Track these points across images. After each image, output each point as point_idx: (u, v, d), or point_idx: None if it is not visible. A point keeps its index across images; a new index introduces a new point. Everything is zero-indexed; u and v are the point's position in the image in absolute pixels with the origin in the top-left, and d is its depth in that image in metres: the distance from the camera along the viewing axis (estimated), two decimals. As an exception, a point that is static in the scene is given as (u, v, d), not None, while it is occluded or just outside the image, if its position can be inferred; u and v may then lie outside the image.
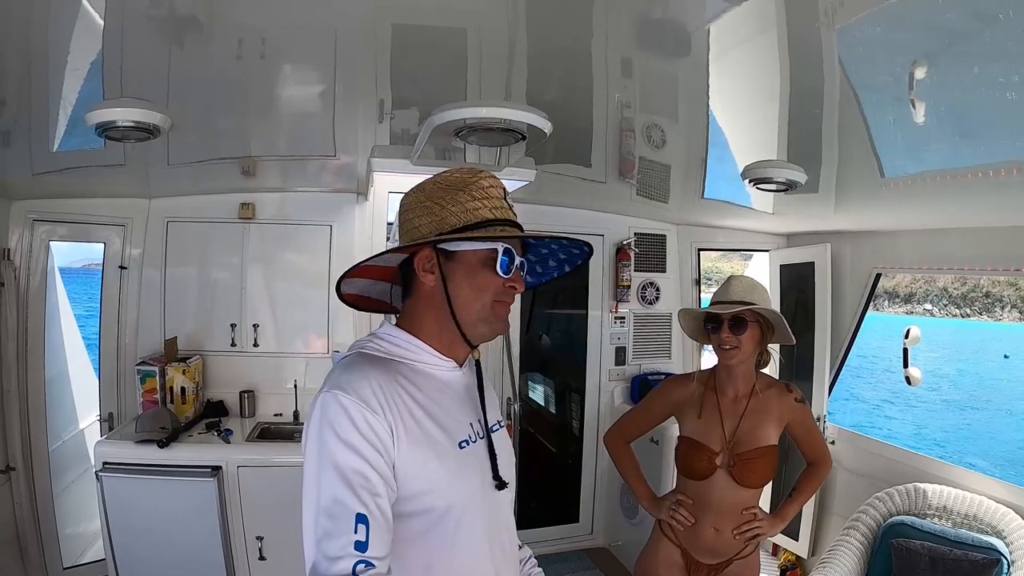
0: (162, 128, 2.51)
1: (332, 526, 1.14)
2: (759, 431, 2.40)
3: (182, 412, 3.93)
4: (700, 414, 2.45)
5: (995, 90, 2.05)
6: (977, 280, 41.53)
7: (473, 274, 1.33)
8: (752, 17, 2.06)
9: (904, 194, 3.26)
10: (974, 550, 3.20)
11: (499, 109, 2.36)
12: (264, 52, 2.44)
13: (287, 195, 4.32)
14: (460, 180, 1.34)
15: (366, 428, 1.20)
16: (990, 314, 43.12)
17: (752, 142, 3.19)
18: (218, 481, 3.54)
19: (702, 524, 2.43)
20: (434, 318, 1.36)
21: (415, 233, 1.33)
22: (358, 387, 1.22)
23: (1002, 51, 1.81)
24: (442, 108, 2.39)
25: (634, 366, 5.17)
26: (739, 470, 2.37)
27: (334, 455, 1.18)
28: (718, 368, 2.49)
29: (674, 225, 5.26)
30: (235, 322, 4.28)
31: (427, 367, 1.37)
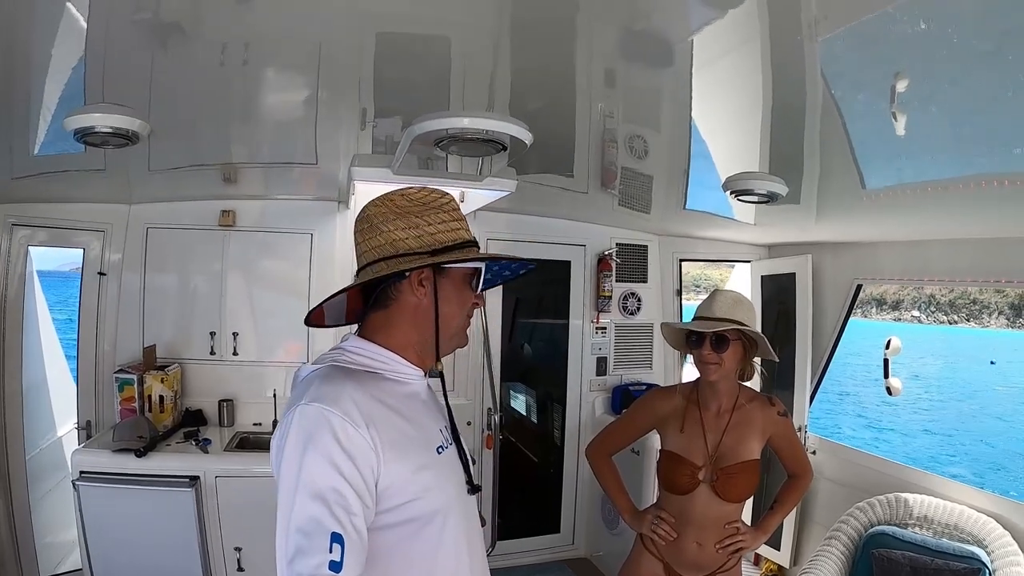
0: (141, 135, 2.49)
1: (306, 544, 1.14)
2: (742, 445, 2.41)
3: (160, 421, 3.89)
4: (683, 428, 2.45)
5: (975, 103, 2.07)
6: (965, 286, 42.06)
7: (459, 291, 1.41)
8: (735, 29, 2.07)
9: (885, 206, 3.28)
10: (955, 560, 3.21)
11: (480, 120, 2.35)
12: (247, 59, 2.43)
13: (268, 203, 4.30)
14: (433, 200, 1.40)
15: (348, 444, 1.19)
16: (977, 320, 43.56)
17: (734, 153, 3.20)
18: (196, 491, 3.50)
19: (684, 538, 2.43)
20: (412, 331, 1.39)
21: (400, 245, 1.35)
22: (340, 400, 1.23)
23: (982, 65, 1.82)
24: (423, 118, 2.38)
25: (615, 376, 5.18)
26: (722, 485, 2.37)
27: (312, 471, 1.17)
28: (701, 382, 2.49)
29: (656, 236, 5.28)
30: (214, 330, 4.25)
31: (398, 377, 1.39)
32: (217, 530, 3.59)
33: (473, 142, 2.45)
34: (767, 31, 2.07)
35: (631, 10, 2.03)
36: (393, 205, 1.38)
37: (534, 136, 2.48)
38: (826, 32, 1.94)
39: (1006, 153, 2.36)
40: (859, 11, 1.76)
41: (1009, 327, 41.68)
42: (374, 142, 3.24)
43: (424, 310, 1.38)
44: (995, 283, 3.79)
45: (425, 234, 1.35)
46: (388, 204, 1.38)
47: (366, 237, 1.39)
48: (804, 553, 4.53)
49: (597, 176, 3.76)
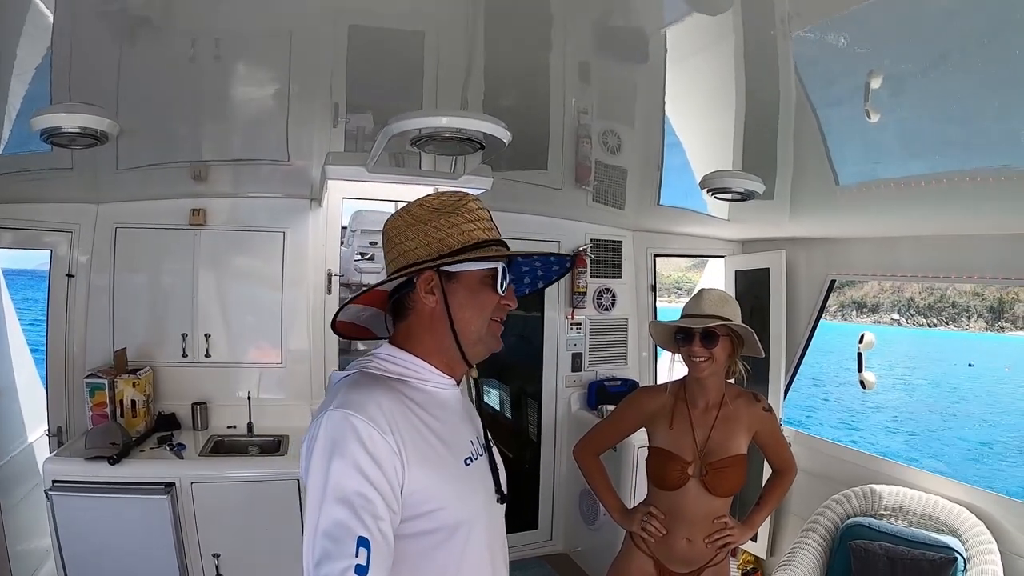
0: (110, 134, 2.42)
1: (332, 548, 1.13)
2: (730, 441, 2.46)
3: (133, 426, 3.82)
4: (671, 425, 2.49)
5: (948, 101, 2.10)
6: (944, 290, 42.74)
7: (474, 294, 1.37)
8: (709, 23, 2.08)
9: (859, 202, 3.32)
10: (931, 549, 3.27)
11: (457, 119, 2.33)
12: (218, 54, 2.39)
13: (239, 201, 4.23)
14: (449, 204, 1.38)
15: (374, 449, 1.20)
16: (956, 324, 44.24)
17: (708, 149, 3.21)
18: (172, 498, 3.43)
19: (675, 534, 2.47)
20: (434, 338, 1.38)
21: (410, 256, 1.35)
22: (366, 406, 1.23)
23: (955, 63, 1.85)
24: (399, 117, 2.35)
25: (590, 372, 5.19)
26: (711, 479, 2.42)
27: (340, 476, 1.17)
28: (688, 379, 2.53)
29: (630, 231, 5.30)
30: (186, 332, 4.17)
31: (428, 386, 1.38)
32: (195, 537, 3.52)
33: (451, 141, 2.43)
34: (740, 26, 2.08)
35: (605, 2, 2.03)
36: (409, 216, 1.38)
37: (510, 136, 2.47)
38: (799, 28, 1.96)
39: (977, 150, 2.40)
40: (832, 8, 1.78)
41: (988, 330, 42.38)
42: (346, 138, 3.21)
43: (439, 317, 1.36)
44: (967, 279, 3.86)
45: (433, 240, 1.34)
46: (404, 216, 1.39)
47: (385, 252, 1.42)
48: (780, 544, 4.59)
49: (571, 172, 3.75)
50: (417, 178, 3.55)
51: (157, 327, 4.17)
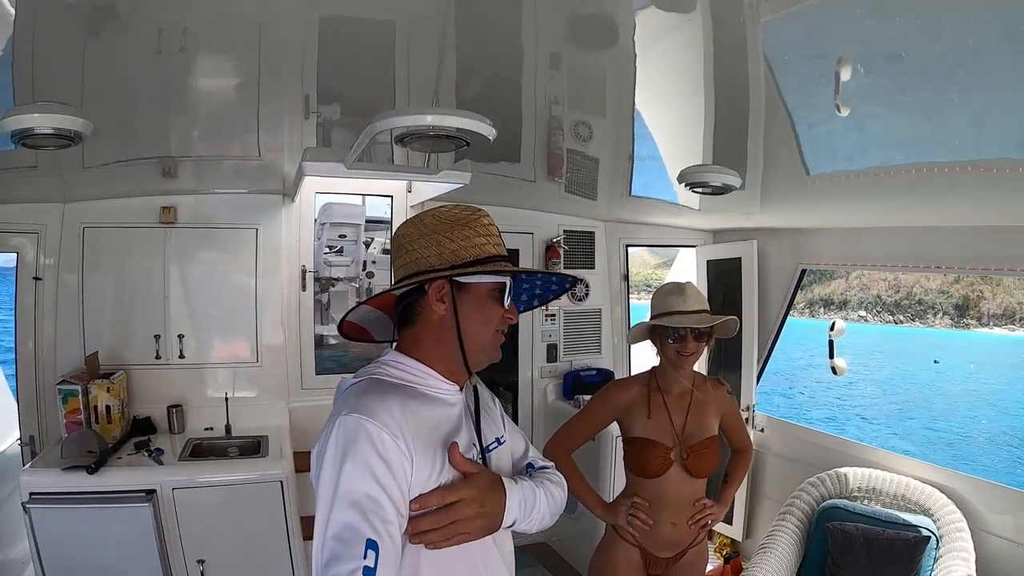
0: (84, 135, 2.34)
1: (342, 550, 1.16)
2: (705, 423, 2.55)
3: (108, 432, 3.70)
4: (649, 414, 2.53)
5: (916, 92, 2.16)
6: (911, 287, 43.43)
7: (482, 306, 1.42)
8: (677, 10, 2.10)
9: (829, 192, 3.39)
10: (905, 529, 3.37)
11: (445, 117, 2.32)
12: (184, 46, 2.37)
13: (210, 197, 4.15)
14: (462, 217, 1.43)
15: (386, 452, 1.23)
16: (922, 320, 44.90)
17: (678, 138, 3.25)
18: (153, 505, 3.35)
19: (660, 520, 2.51)
20: (440, 346, 1.42)
21: (423, 263, 1.39)
22: (378, 412, 1.26)
23: (923, 56, 1.90)
24: (385, 115, 2.34)
25: (565, 362, 5.22)
26: (693, 462, 2.48)
27: (351, 478, 1.20)
28: (661, 368, 2.59)
29: (602, 222, 5.34)
30: (159, 333, 4.08)
31: (434, 392, 1.42)
32: (178, 544, 3.44)
33: (436, 138, 2.42)
34: (708, 11, 2.10)
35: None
36: (422, 225, 1.42)
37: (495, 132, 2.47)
38: (768, 14, 1.98)
39: (944, 144, 2.47)
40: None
41: (953, 327, 43.08)
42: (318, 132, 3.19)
43: (447, 325, 1.40)
44: (925, 268, 4.04)
45: (447, 251, 1.38)
46: (418, 225, 1.43)
47: (396, 257, 1.46)
48: (756, 527, 4.69)
49: (544, 164, 3.78)
50: (396, 173, 3.56)
51: (129, 329, 4.07)
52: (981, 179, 2.57)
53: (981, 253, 3.54)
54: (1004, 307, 41.29)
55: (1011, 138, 2.26)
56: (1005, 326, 40.52)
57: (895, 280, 43.64)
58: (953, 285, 40.99)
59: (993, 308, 41.77)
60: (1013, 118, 2.13)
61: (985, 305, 42.13)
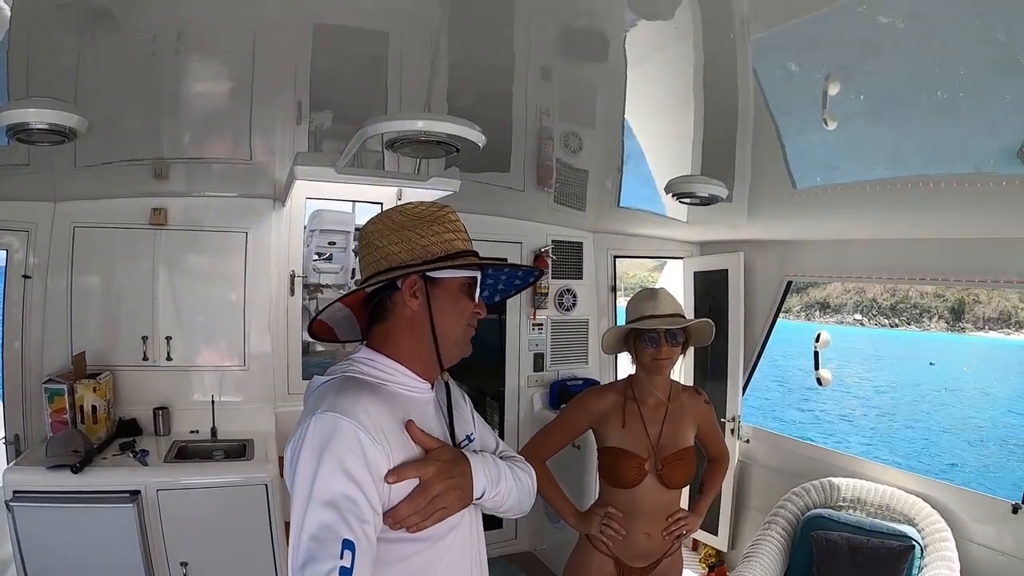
0: (79, 131, 2.34)
1: (318, 550, 1.14)
2: (680, 434, 2.52)
3: (94, 433, 3.70)
4: (624, 424, 2.51)
5: (900, 108, 2.19)
6: (906, 291, 43.76)
7: (455, 300, 1.43)
8: (668, 25, 2.12)
9: (816, 205, 3.43)
10: (890, 538, 3.40)
11: (437, 123, 2.33)
12: (179, 48, 2.38)
13: (201, 200, 4.15)
14: (430, 213, 1.43)
15: (361, 451, 1.22)
16: (918, 324, 45.08)
17: (667, 151, 3.26)
18: (137, 506, 3.33)
19: (633, 531, 2.49)
20: (413, 342, 1.42)
21: (393, 259, 1.39)
22: (354, 410, 1.25)
23: (911, 70, 1.92)
24: (377, 119, 2.35)
25: (552, 372, 5.25)
26: (667, 473, 2.46)
27: (327, 478, 1.19)
28: (636, 378, 2.57)
29: (590, 233, 5.37)
30: (146, 334, 4.07)
31: (406, 390, 1.42)
32: (161, 546, 3.43)
33: (427, 144, 2.44)
34: (700, 27, 2.12)
35: (568, 3, 2.07)
36: (390, 221, 1.43)
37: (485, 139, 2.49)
38: (758, 31, 2.01)
39: (929, 156, 2.50)
40: (790, 14, 1.82)
41: (949, 331, 43.32)
42: (310, 138, 3.21)
43: (420, 321, 1.40)
44: (908, 280, 4.11)
45: (417, 247, 1.39)
46: (385, 221, 1.43)
47: (364, 254, 1.45)
48: (740, 537, 4.69)
49: (534, 173, 3.79)
50: (383, 179, 3.57)
51: (116, 330, 4.07)
52: (963, 193, 2.63)
53: (964, 265, 3.61)
54: (1000, 311, 41.62)
55: (992, 153, 2.29)
56: (1000, 330, 40.78)
57: (891, 284, 43.59)
58: (948, 289, 41.28)
59: (988, 312, 42.07)
60: (994, 134, 2.16)
61: (980, 309, 42.43)
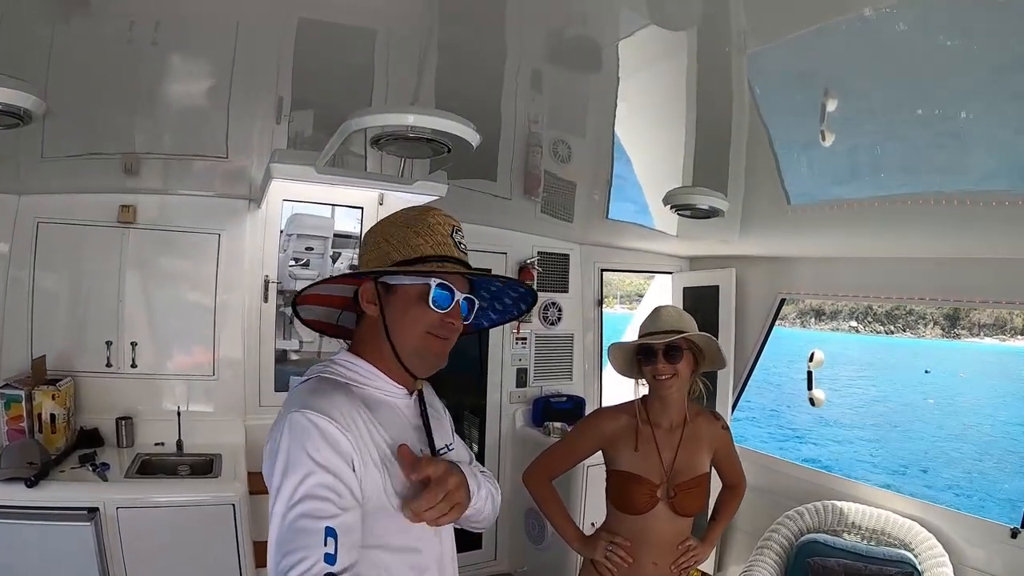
0: (34, 114, 2.18)
1: (300, 539, 1.16)
2: (695, 460, 2.43)
3: (52, 443, 3.49)
4: (637, 447, 2.41)
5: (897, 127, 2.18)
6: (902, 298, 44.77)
7: (407, 307, 1.40)
8: (663, 35, 2.05)
9: (809, 221, 3.41)
10: (887, 564, 3.38)
11: (428, 118, 2.20)
12: (156, 39, 2.25)
13: (172, 198, 4.00)
14: (410, 217, 1.44)
15: (336, 445, 1.24)
16: (913, 331, 45.84)
17: (659, 164, 3.22)
18: (95, 525, 3.13)
19: (641, 559, 2.41)
20: (376, 347, 1.43)
21: (364, 265, 1.44)
22: (327, 408, 1.27)
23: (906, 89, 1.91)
24: (361, 113, 2.21)
25: (535, 388, 5.11)
26: (680, 500, 2.37)
27: (302, 472, 1.20)
28: (650, 399, 2.47)
29: (577, 244, 5.27)
30: (111, 339, 3.89)
31: (381, 394, 1.43)
32: (121, 567, 3.21)
33: (415, 142, 2.30)
34: (695, 39, 2.06)
35: (560, 11, 1.98)
36: (380, 226, 1.46)
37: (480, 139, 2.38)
38: (755, 45, 1.95)
39: (924, 175, 2.50)
40: (787, 28, 1.79)
41: (944, 337, 44.11)
42: (289, 138, 3.09)
43: (379, 327, 1.41)
44: (897, 299, 4.16)
45: (382, 253, 1.41)
46: (378, 225, 1.47)
47: (358, 260, 1.52)
48: (728, 560, 4.67)
49: (521, 181, 3.71)
50: (368, 181, 3.44)
51: (79, 333, 3.88)
52: (959, 212, 2.61)
53: (956, 283, 3.62)
54: (995, 317, 42.53)
55: (990, 172, 2.29)
56: (996, 336, 41.48)
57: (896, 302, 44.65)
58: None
59: (984, 318, 42.92)
60: (991, 152, 2.17)
61: (976, 315, 43.34)
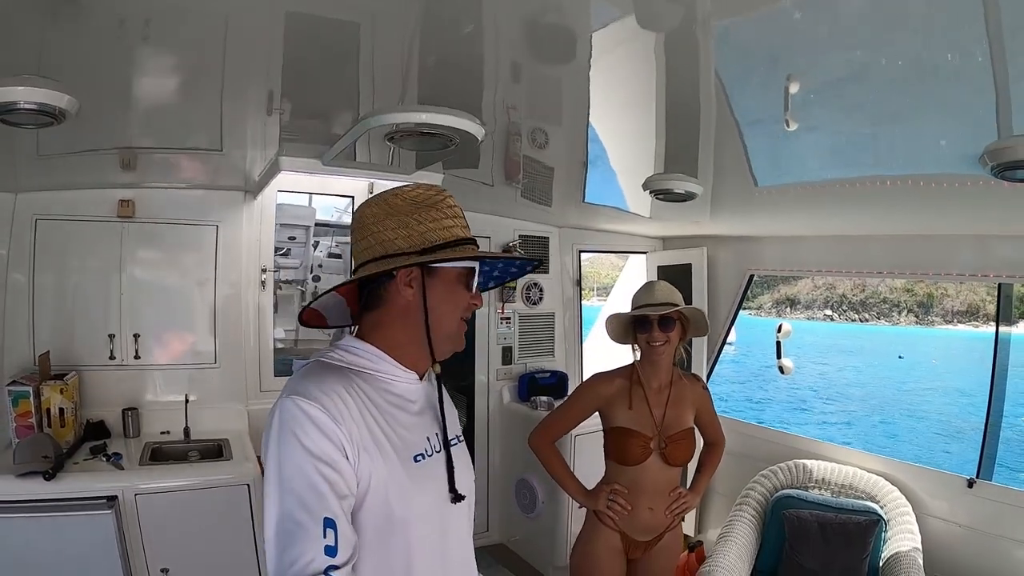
0: (69, 113, 2.22)
1: (299, 531, 1.13)
2: (682, 415, 2.78)
3: (62, 437, 3.53)
4: (631, 405, 2.72)
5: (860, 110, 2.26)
6: (876, 286, 45.06)
7: (451, 291, 1.38)
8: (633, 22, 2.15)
9: (776, 202, 3.58)
10: (856, 514, 3.59)
11: (443, 116, 2.40)
12: (148, 35, 2.33)
13: (170, 192, 4.05)
14: (428, 198, 1.38)
15: (327, 433, 1.20)
16: (887, 319, 46.01)
17: (630, 148, 3.32)
18: (115, 512, 3.18)
19: (638, 506, 2.71)
20: (404, 332, 1.38)
21: (390, 246, 1.35)
22: (316, 394, 1.23)
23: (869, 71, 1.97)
24: (381, 111, 2.38)
25: (520, 365, 5.32)
26: (671, 451, 2.70)
27: (295, 461, 1.18)
28: (642, 364, 2.78)
29: (556, 228, 5.45)
30: (114, 332, 3.96)
31: (387, 378, 1.38)
32: (141, 552, 3.28)
33: (427, 136, 2.48)
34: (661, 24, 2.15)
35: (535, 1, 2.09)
36: (386, 205, 1.38)
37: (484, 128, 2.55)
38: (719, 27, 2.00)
39: (887, 157, 2.63)
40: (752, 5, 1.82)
41: (918, 324, 44.34)
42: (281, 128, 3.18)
43: (414, 311, 1.36)
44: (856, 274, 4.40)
45: (415, 233, 1.34)
46: (382, 204, 1.38)
47: (357, 239, 1.40)
48: (707, 522, 4.86)
49: (502, 168, 3.83)
50: (372, 172, 3.60)
51: (82, 328, 3.93)
52: (919, 192, 2.81)
53: (916, 259, 3.84)
54: (968, 304, 42.63)
55: (946, 155, 2.43)
56: (969, 322, 41.76)
57: (860, 279, 44.60)
58: (918, 283, 42.38)
59: (957, 305, 43.08)
60: (954, 136, 2.26)
61: (949, 303, 43.48)
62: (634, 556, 2.79)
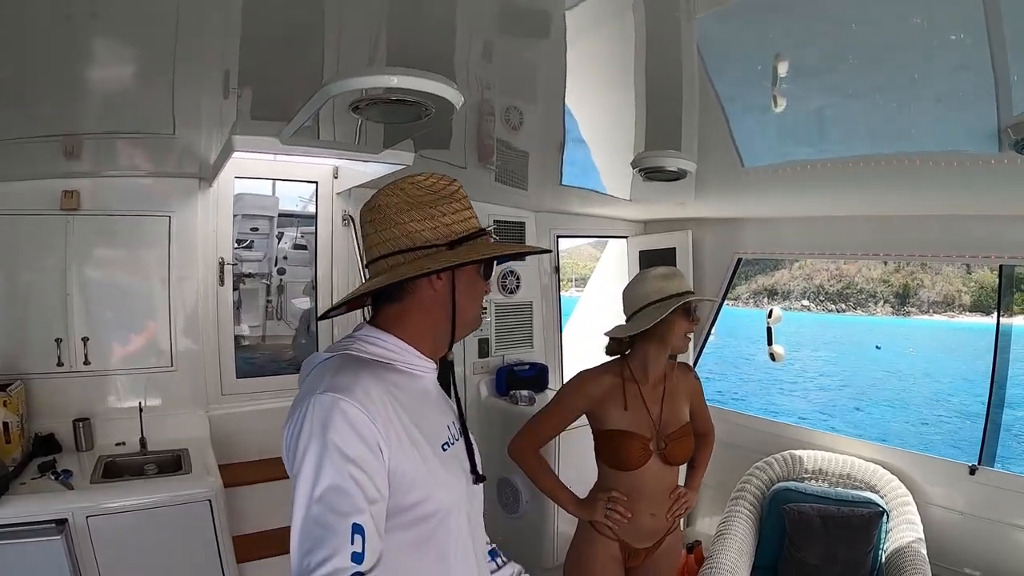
0: None
1: (326, 535, 1.12)
2: (679, 410, 2.61)
3: (7, 454, 3.26)
4: (626, 406, 2.51)
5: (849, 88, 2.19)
6: (852, 276, 46.74)
7: (474, 282, 1.45)
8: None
9: (763, 183, 3.49)
10: (858, 506, 3.54)
11: (415, 79, 2.14)
12: (96, 11, 2.13)
13: (118, 181, 3.79)
14: (443, 187, 1.42)
15: (363, 432, 1.21)
16: (864, 309, 47.20)
17: (610, 128, 3.22)
18: (65, 536, 2.96)
19: (639, 512, 2.52)
20: (428, 322, 1.42)
21: (417, 238, 1.37)
22: (354, 390, 1.23)
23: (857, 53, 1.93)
24: (343, 77, 2.16)
25: (497, 357, 5.09)
26: (671, 451, 2.53)
27: (331, 462, 1.17)
28: (635, 358, 2.58)
29: (533, 212, 5.25)
30: (60, 336, 3.69)
31: (410, 369, 1.41)
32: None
33: (398, 105, 2.25)
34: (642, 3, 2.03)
35: None
36: (405, 195, 1.39)
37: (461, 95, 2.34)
38: (703, 10, 1.94)
39: (877, 136, 2.56)
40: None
41: (894, 315, 45.49)
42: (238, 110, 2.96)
43: (441, 303, 1.41)
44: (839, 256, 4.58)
45: (441, 225, 1.38)
46: (400, 194, 1.40)
47: (378, 228, 1.40)
48: (696, 514, 4.83)
49: (475, 149, 3.67)
50: (336, 151, 3.40)
51: (25, 332, 3.67)
52: (907, 171, 2.73)
53: (905, 241, 3.83)
54: (944, 295, 43.92)
55: (937, 134, 2.39)
56: (944, 313, 42.98)
57: (837, 270, 46.27)
58: (894, 274, 43.32)
59: (933, 296, 44.36)
60: (939, 115, 2.24)
61: (925, 293, 44.69)
62: (633, 564, 2.60)
